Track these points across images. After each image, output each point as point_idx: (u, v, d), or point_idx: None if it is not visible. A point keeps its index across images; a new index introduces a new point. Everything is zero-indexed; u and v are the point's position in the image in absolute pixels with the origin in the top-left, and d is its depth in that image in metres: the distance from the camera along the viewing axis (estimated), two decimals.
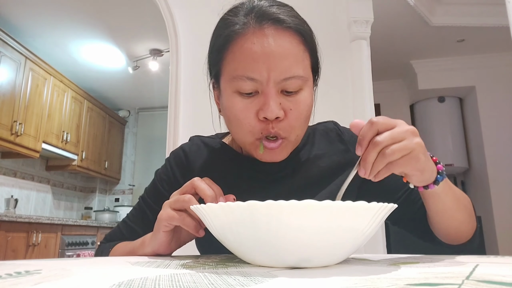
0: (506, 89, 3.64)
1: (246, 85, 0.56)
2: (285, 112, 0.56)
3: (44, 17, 3.30)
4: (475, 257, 0.48)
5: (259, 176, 0.67)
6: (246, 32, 0.56)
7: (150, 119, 5.39)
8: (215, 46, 0.61)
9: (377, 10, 2.21)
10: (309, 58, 0.60)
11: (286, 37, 0.56)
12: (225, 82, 0.59)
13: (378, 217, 0.38)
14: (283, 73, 0.55)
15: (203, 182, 0.54)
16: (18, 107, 3.23)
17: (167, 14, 2.23)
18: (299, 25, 0.58)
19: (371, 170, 0.46)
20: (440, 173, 0.51)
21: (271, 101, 0.55)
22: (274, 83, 0.55)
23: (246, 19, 0.57)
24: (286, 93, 0.57)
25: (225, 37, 0.58)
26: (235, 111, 0.58)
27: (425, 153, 0.47)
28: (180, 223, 0.53)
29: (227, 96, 0.59)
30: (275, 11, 0.57)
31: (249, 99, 0.57)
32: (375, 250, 1.87)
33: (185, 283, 0.28)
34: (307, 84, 0.59)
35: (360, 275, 0.32)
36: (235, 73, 0.57)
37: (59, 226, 3.24)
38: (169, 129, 2.10)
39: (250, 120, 0.57)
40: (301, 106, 0.57)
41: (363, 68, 2.11)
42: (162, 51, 3.88)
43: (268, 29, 0.56)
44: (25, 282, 0.27)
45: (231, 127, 0.61)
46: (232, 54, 0.57)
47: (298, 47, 0.57)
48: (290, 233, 0.35)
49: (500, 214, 3.45)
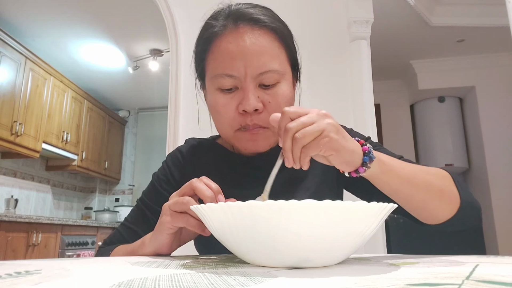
0: (506, 89, 3.64)
1: (226, 82, 0.61)
2: (264, 105, 0.61)
3: (44, 17, 3.30)
4: (475, 257, 0.48)
5: (251, 172, 0.71)
6: (223, 33, 0.62)
7: (150, 119, 5.39)
8: (198, 49, 0.67)
9: (377, 10, 2.21)
10: (285, 54, 0.64)
11: (261, 35, 0.61)
12: (208, 81, 0.65)
13: (378, 217, 0.38)
14: (259, 68, 0.60)
15: (202, 182, 0.54)
16: (18, 107, 3.23)
17: (167, 14, 2.23)
18: (273, 23, 0.63)
19: (293, 159, 0.47)
20: (366, 154, 0.51)
21: (249, 95, 0.59)
22: (251, 78, 0.60)
23: (224, 22, 0.63)
24: (264, 86, 0.61)
25: (205, 39, 0.65)
26: (217, 106, 0.63)
27: (338, 132, 0.48)
28: (184, 224, 0.53)
29: (211, 94, 0.65)
30: (251, 12, 0.63)
31: (229, 95, 0.62)
32: (375, 250, 1.87)
33: (185, 283, 0.28)
34: (284, 77, 0.63)
35: (360, 275, 0.32)
36: (216, 72, 0.62)
37: (59, 226, 3.24)
38: (169, 129, 2.10)
39: (231, 113, 0.62)
40: (279, 99, 0.62)
41: (363, 68, 2.11)
42: (162, 51, 3.88)
43: (243, 28, 0.61)
44: (25, 282, 0.27)
45: (215, 123, 0.67)
46: (212, 55, 0.63)
47: (273, 44, 0.62)
48: (290, 233, 0.35)
49: (500, 214, 3.45)
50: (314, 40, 2.18)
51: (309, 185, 0.70)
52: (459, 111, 3.98)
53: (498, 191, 3.50)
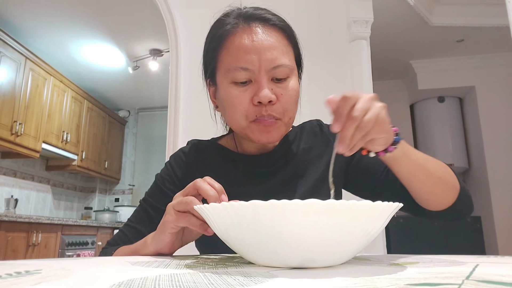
0: (506, 89, 3.64)
1: (240, 75, 0.64)
2: (277, 97, 0.64)
3: (44, 17, 3.30)
4: (475, 257, 0.48)
5: (254, 170, 0.73)
6: (236, 31, 0.65)
7: (150, 119, 5.39)
8: (210, 46, 0.69)
9: (377, 10, 2.21)
10: (293, 51, 0.69)
11: (272, 33, 0.66)
12: (221, 76, 0.67)
13: (383, 217, 0.38)
14: (272, 62, 0.63)
15: (205, 182, 0.54)
16: (18, 107, 3.23)
17: (167, 14, 2.23)
18: (282, 23, 0.68)
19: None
20: (397, 134, 0.55)
21: (264, 87, 0.62)
22: (265, 71, 0.63)
23: (236, 20, 0.67)
24: (276, 80, 0.65)
25: (219, 36, 0.67)
26: (231, 98, 0.65)
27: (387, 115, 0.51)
28: (187, 224, 0.53)
29: (224, 88, 0.66)
30: (260, 12, 0.68)
31: (243, 87, 0.64)
32: (375, 250, 1.87)
33: (185, 283, 0.28)
34: (293, 72, 0.67)
35: (360, 275, 0.32)
36: (230, 66, 0.64)
37: (59, 226, 3.24)
38: (169, 129, 2.10)
39: (245, 105, 0.64)
40: (290, 91, 0.66)
41: (363, 68, 2.11)
42: (162, 51, 3.88)
43: (256, 27, 0.65)
44: (25, 282, 0.27)
45: (227, 115, 0.68)
46: (226, 50, 0.66)
47: (283, 41, 0.66)
48: (294, 233, 0.35)
49: (500, 214, 3.45)
50: (314, 40, 2.18)
51: (308, 182, 0.72)
52: (459, 111, 3.98)
53: (498, 191, 3.50)
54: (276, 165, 0.74)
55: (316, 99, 2.10)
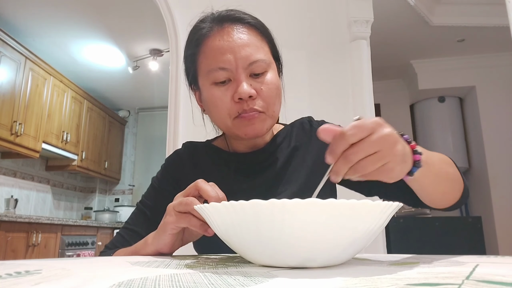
0: (506, 89, 3.64)
1: (219, 75, 0.66)
2: (257, 92, 0.66)
3: (44, 17, 3.30)
4: (475, 257, 0.48)
5: (246, 168, 0.75)
6: (211, 34, 0.68)
7: (150, 119, 5.39)
8: (189, 52, 0.73)
9: (377, 10, 2.21)
10: (268, 46, 0.71)
11: (244, 30, 0.68)
12: (202, 79, 0.70)
13: (383, 216, 0.38)
14: (248, 59, 0.66)
15: (207, 183, 0.55)
16: (18, 107, 3.23)
17: (167, 14, 2.23)
18: (254, 20, 0.71)
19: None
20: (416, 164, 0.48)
21: (243, 83, 0.64)
22: (242, 68, 0.65)
23: (210, 24, 0.70)
24: (254, 75, 0.67)
25: (195, 41, 0.70)
26: (214, 99, 0.67)
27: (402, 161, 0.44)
28: (187, 224, 0.53)
29: (206, 90, 0.69)
30: (233, 13, 0.71)
31: (224, 87, 0.67)
32: (375, 250, 1.87)
33: (185, 283, 0.28)
34: (270, 67, 0.69)
35: (360, 275, 0.32)
36: (209, 68, 0.67)
37: (59, 226, 3.24)
38: (169, 129, 2.10)
39: (227, 103, 0.66)
40: (270, 85, 0.67)
41: (363, 68, 2.11)
42: (162, 51, 3.88)
43: (228, 27, 0.68)
44: (25, 282, 0.27)
45: (213, 116, 0.71)
46: (203, 54, 0.69)
47: (256, 38, 0.69)
48: (294, 233, 0.35)
49: (500, 214, 3.45)
50: (314, 40, 2.18)
51: (299, 178, 0.74)
52: (459, 111, 3.98)
53: (498, 191, 3.50)
54: (267, 162, 0.76)
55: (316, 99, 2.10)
